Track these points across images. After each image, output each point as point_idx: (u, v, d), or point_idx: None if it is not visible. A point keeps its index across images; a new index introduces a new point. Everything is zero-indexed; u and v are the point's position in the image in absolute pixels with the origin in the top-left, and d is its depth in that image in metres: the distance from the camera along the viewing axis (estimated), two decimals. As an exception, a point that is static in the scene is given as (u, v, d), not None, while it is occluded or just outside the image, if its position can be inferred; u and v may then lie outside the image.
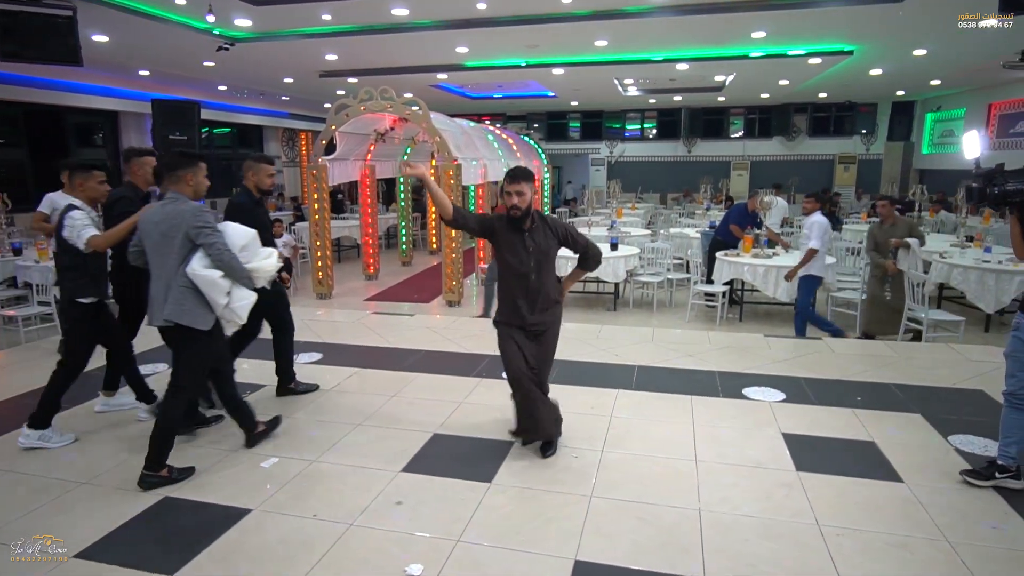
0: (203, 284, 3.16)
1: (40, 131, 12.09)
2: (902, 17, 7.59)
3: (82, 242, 3.53)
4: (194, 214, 3.17)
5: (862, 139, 18.67)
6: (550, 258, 3.43)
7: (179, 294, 3.17)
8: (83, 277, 3.65)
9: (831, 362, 5.12)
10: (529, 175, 3.34)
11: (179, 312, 3.16)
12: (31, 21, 5.84)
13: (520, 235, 3.34)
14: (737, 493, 3.10)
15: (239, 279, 3.25)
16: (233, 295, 3.25)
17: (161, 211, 3.22)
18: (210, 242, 3.16)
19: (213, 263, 3.17)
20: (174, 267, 3.17)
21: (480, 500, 3.04)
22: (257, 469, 3.38)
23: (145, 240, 3.25)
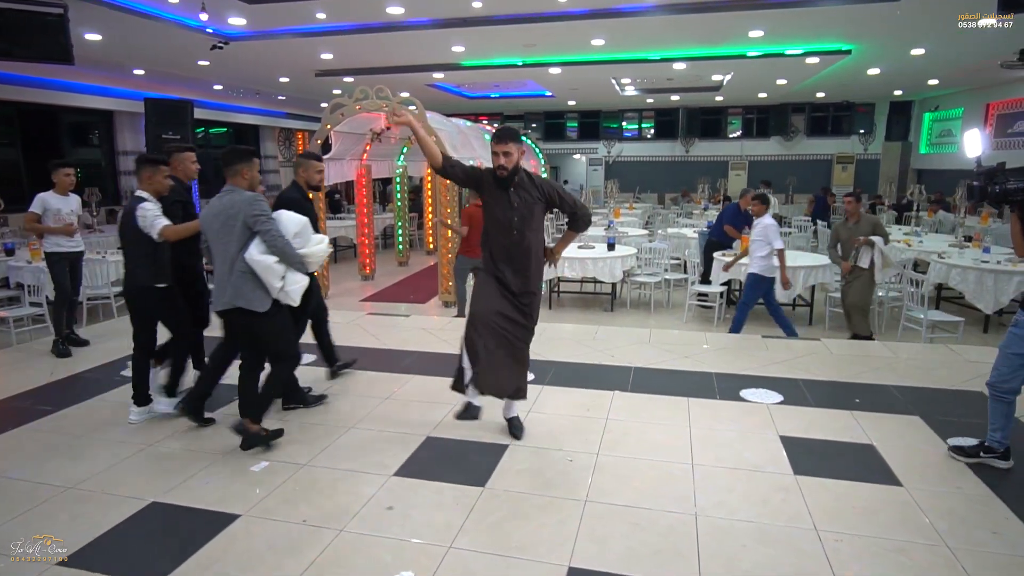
0: (259, 269, 3.39)
1: (34, 130, 12.02)
2: (900, 16, 7.55)
3: (155, 232, 3.79)
4: (250, 203, 3.40)
5: (860, 139, 18.65)
6: (535, 216, 3.44)
7: (239, 279, 3.41)
8: (155, 264, 3.90)
9: (829, 364, 5.08)
10: (515, 135, 3.37)
11: (238, 296, 3.41)
12: (21, 19, 5.78)
13: (505, 192, 3.38)
14: (734, 497, 3.05)
15: (292, 264, 3.47)
16: (287, 279, 3.47)
17: (219, 202, 3.47)
18: (265, 229, 3.39)
19: (268, 249, 3.40)
20: (234, 254, 3.40)
21: (473, 505, 2.99)
22: (247, 473, 3.33)
23: (207, 232, 3.52)
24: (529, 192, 3.42)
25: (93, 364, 5.16)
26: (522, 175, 3.42)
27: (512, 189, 3.38)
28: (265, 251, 3.39)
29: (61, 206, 5.64)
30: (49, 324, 6.54)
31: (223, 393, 4.18)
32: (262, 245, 3.39)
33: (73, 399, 4.35)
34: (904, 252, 8.27)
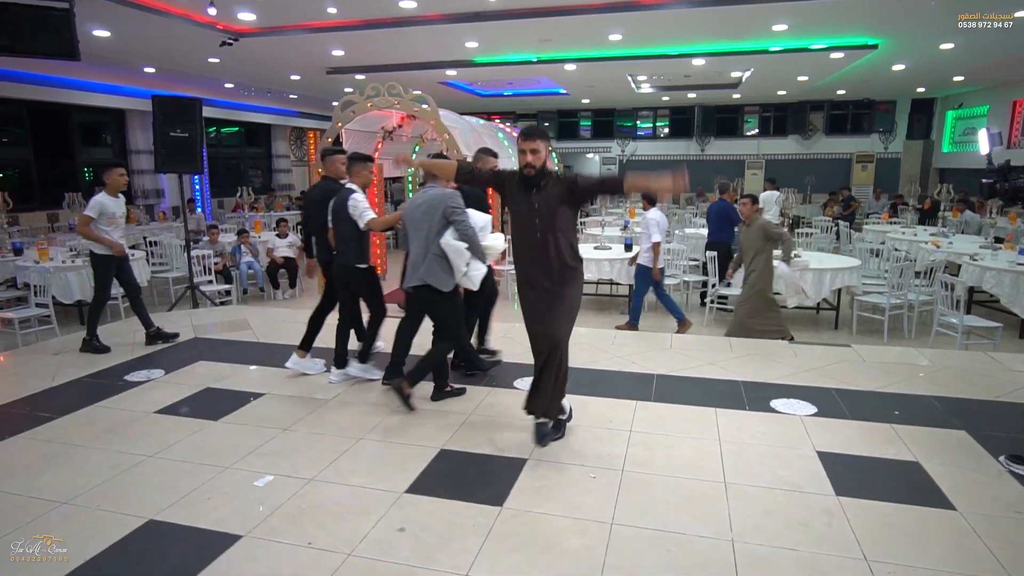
0: (452, 253, 3.94)
1: (45, 129, 11.97)
2: (934, 7, 7.25)
3: (363, 221, 4.42)
4: (451, 197, 3.99)
5: (880, 137, 18.25)
6: (559, 217, 3.29)
7: (432, 260, 3.99)
8: (360, 248, 4.55)
9: (862, 371, 4.83)
10: (544, 132, 3.31)
11: (430, 274, 3.98)
12: (26, 14, 5.65)
13: (527, 193, 3.29)
14: (773, 521, 2.82)
15: (477, 253, 4.01)
16: (471, 265, 4.00)
17: (423, 195, 4.09)
18: (460, 219, 3.95)
19: (460, 237, 3.94)
20: (431, 239, 3.97)
21: (490, 527, 2.78)
22: (250, 488, 3.14)
23: (408, 220, 4.12)
24: (551, 193, 3.29)
25: (96, 368, 5.01)
26: (549, 176, 3.30)
27: (535, 190, 3.27)
28: (458, 239, 3.94)
29: (115, 209, 5.51)
30: (55, 326, 6.43)
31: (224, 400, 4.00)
32: (455, 234, 3.94)
33: (73, 406, 4.18)
34: (933, 254, 7.97)
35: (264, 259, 8.80)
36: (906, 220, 11.59)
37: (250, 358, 5.27)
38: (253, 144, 17.73)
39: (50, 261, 7.22)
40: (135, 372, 4.88)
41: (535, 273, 3.36)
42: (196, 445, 3.62)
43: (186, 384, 4.63)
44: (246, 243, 8.66)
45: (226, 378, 4.76)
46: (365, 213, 4.39)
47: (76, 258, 7.32)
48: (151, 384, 4.65)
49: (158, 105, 7.03)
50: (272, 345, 5.69)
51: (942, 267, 6.68)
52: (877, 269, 8.14)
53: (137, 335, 5.96)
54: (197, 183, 14.32)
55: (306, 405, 4.22)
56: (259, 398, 4.35)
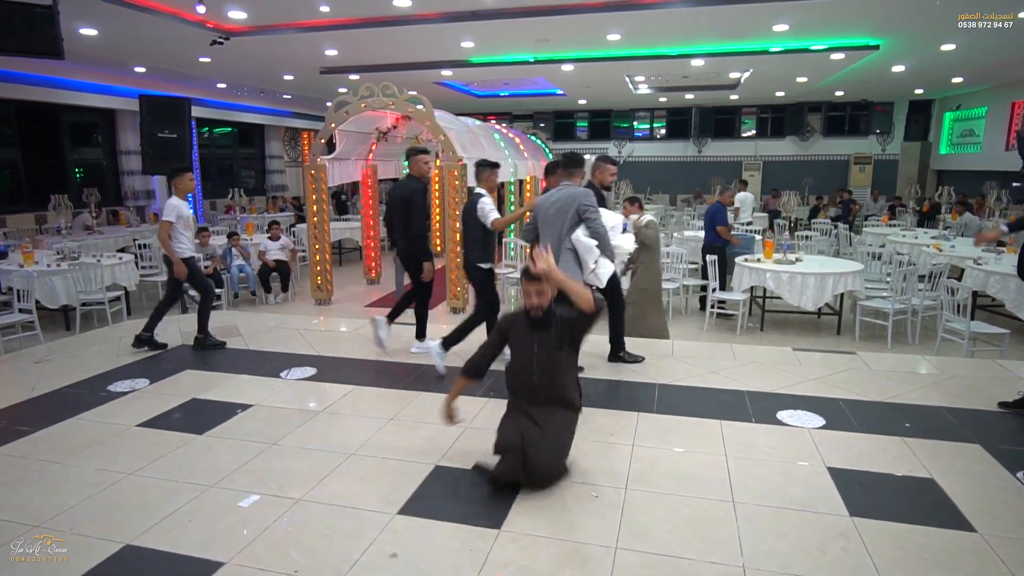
0: (582, 249, 4.15)
1: (34, 130, 11.76)
2: (939, 6, 7.14)
3: (488, 221, 4.80)
4: (585, 196, 4.21)
5: (878, 139, 18.18)
6: (558, 360, 3.08)
7: (563, 255, 4.16)
8: (484, 248, 4.94)
9: (869, 380, 4.69)
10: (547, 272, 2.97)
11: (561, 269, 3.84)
12: (7, 11, 5.48)
13: (531, 333, 3.08)
14: (785, 545, 2.68)
15: (607, 251, 4.17)
16: (599, 263, 4.17)
17: (557, 193, 4.32)
18: (593, 218, 4.14)
19: (590, 235, 4.11)
20: (562, 234, 4.20)
21: (488, 552, 2.63)
22: (235, 509, 2.98)
23: (540, 215, 4.35)
24: (555, 334, 3.07)
25: (79, 378, 4.83)
26: (555, 313, 3.08)
27: (539, 332, 3.07)
28: (589, 236, 4.10)
29: (188, 212, 5.56)
30: (39, 333, 6.24)
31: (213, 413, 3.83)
32: (586, 231, 4.10)
33: (51, 418, 4.01)
34: (936, 258, 7.86)
35: (256, 262, 8.63)
36: (905, 222, 11.49)
37: (239, 367, 5.11)
38: (246, 145, 17.53)
39: (35, 265, 7.04)
40: (119, 382, 4.71)
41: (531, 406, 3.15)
42: (179, 462, 3.46)
43: (171, 395, 4.46)
44: (237, 246, 8.49)
45: (213, 388, 4.60)
46: (490, 214, 4.82)
47: (62, 262, 7.15)
48: (135, 395, 4.48)
49: (146, 105, 6.88)
50: (262, 352, 5.53)
51: (946, 272, 6.56)
52: (879, 273, 8.02)
53: (123, 341, 5.80)
54: (189, 184, 14.11)
55: (295, 418, 4.06)
56: (247, 410, 4.18)
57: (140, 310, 7.95)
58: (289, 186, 18.16)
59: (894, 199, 15.14)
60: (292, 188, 18.15)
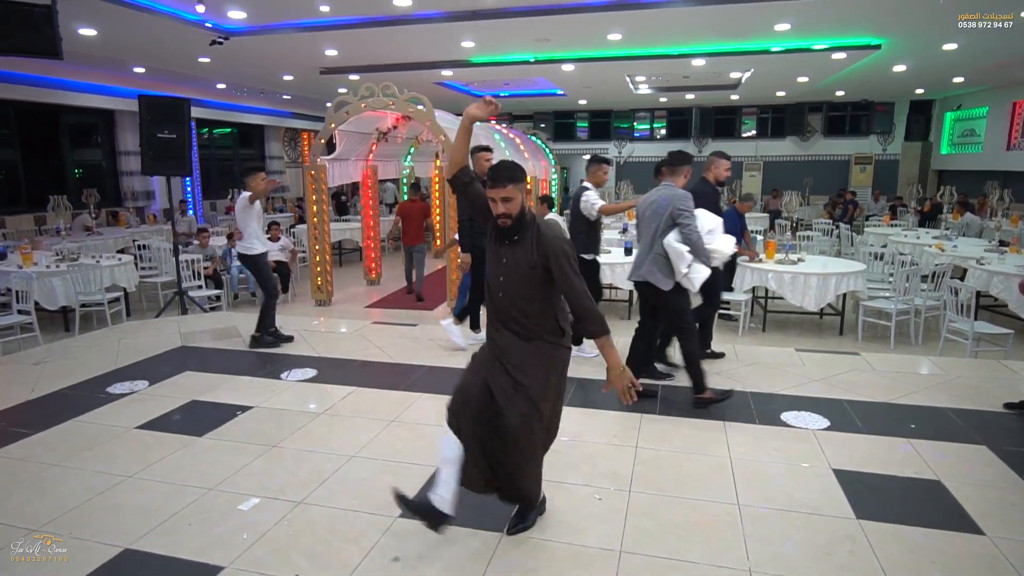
0: (672, 253, 4.03)
1: (33, 131, 11.72)
2: (941, 5, 7.10)
3: (594, 211, 4.92)
4: (680, 199, 4.07)
5: (879, 139, 18.14)
6: (525, 279, 2.52)
7: (653, 259, 4.12)
8: (588, 239, 5.03)
9: (873, 381, 4.66)
10: (516, 174, 2.50)
11: (649, 273, 4.13)
12: (5, 11, 5.43)
13: (500, 244, 2.57)
14: (791, 549, 2.64)
15: (700, 256, 4.04)
16: (692, 267, 4.05)
17: (656, 194, 4.21)
18: (685, 223, 4.01)
19: (683, 239, 4.00)
20: (656, 237, 4.10)
21: (491, 556, 2.60)
22: (235, 512, 2.95)
23: (639, 216, 4.30)
24: (525, 249, 2.51)
25: (77, 379, 4.80)
26: (531, 226, 2.53)
27: (506, 243, 2.55)
28: (680, 240, 4.00)
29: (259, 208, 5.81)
30: (38, 333, 6.20)
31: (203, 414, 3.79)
32: (679, 235, 4.00)
33: (50, 421, 3.98)
34: (938, 258, 7.82)
35: (256, 263, 8.59)
36: (906, 222, 11.45)
37: (239, 368, 5.08)
38: (246, 145, 17.49)
39: (34, 266, 7.00)
40: (118, 384, 4.68)
41: (493, 328, 2.65)
42: (178, 464, 3.43)
43: (171, 397, 4.43)
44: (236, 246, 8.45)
45: (213, 390, 4.56)
46: (596, 203, 4.95)
47: (61, 263, 7.11)
48: (134, 397, 4.44)
49: (145, 105, 6.82)
50: (262, 354, 5.50)
51: (949, 272, 6.53)
52: (881, 273, 7.98)
53: (123, 343, 5.77)
54: (189, 185, 14.07)
55: (296, 420, 4.03)
56: (246, 412, 4.15)
57: (140, 311, 7.92)
58: (289, 187, 18.12)
59: (895, 199, 15.11)
60: (292, 189, 18.12)
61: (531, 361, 2.55)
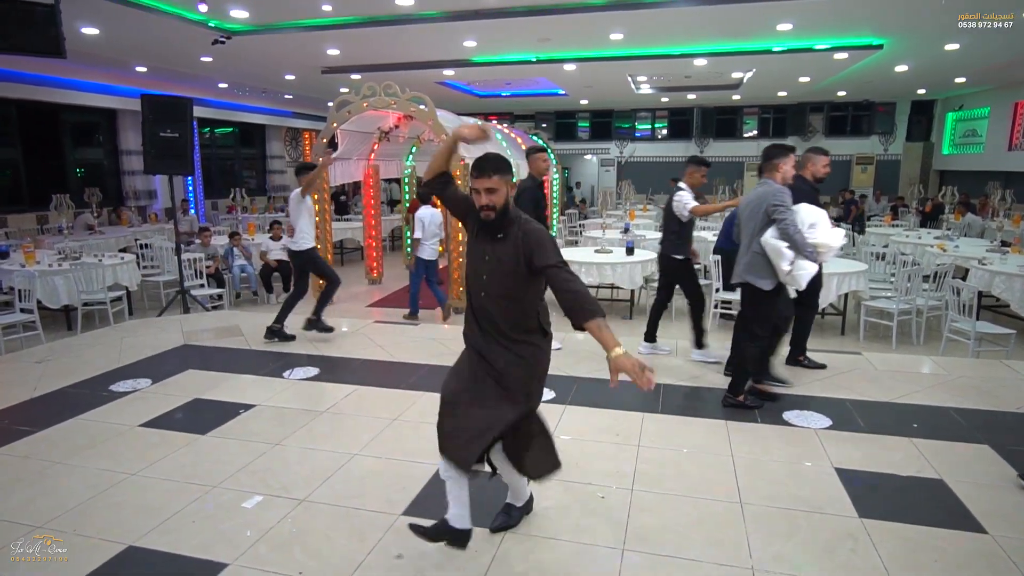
0: (771, 252, 3.89)
1: (35, 130, 11.73)
2: (943, 5, 7.10)
3: (686, 211, 4.89)
4: (775, 194, 3.89)
5: (880, 139, 18.14)
6: (510, 277, 2.43)
7: (751, 258, 4.00)
8: (679, 240, 5.03)
9: (875, 380, 4.66)
10: (501, 166, 2.45)
11: (749, 272, 4.02)
12: (9, 9, 5.44)
13: (483, 241, 2.50)
14: (793, 547, 2.65)
15: (802, 252, 3.84)
16: (796, 264, 3.87)
17: (754, 192, 4.09)
18: (781, 218, 3.83)
19: (780, 236, 3.84)
20: (753, 236, 3.97)
21: (494, 553, 2.61)
22: (238, 510, 2.96)
23: (739, 215, 4.21)
24: (509, 245, 2.43)
25: (80, 378, 4.81)
26: (517, 222, 2.45)
27: (490, 239, 2.47)
28: (779, 237, 3.84)
29: (311, 203, 6.19)
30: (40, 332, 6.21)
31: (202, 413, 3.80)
32: (776, 231, 3.85)
33: (53, 418, 3.99)
34: (940, 258, 7.82)
35: (257, 262, 8.60)
36: (908, 223, 11.45)
37: (241, 367, 5.09)
38: (248, 145, 17.50)
39: (36, 265, 7.01)
40: (121, 382, 4.69)
41: (476, 332, 2.56)
42: (182, 462, 3.43)
43: (174, 395, 4.44)
44: (238, 245, 8.46)
45: (215, 388, 4.57)
46: (688, 204, 4.89)
47: (64, 261, 7.12)
48: (137, 395, 4.45)
49: (148, 104, 6.83)
50: (264, 352, 5.51)
51: (951, 272, 6.53)
52: (883, 273, 7.98)
53: (125, 341, 5.78)
54: (191, 184, 14.08)
55: (298, 418, 4.04)
56: (249, 410, 4.16)
57: (142, 310, 7.93)
58: (290, 186, 18.12)
59: (897, 199, 15.10)
60: (293, 188, 18.14)
61: (516, 373, 2.47)
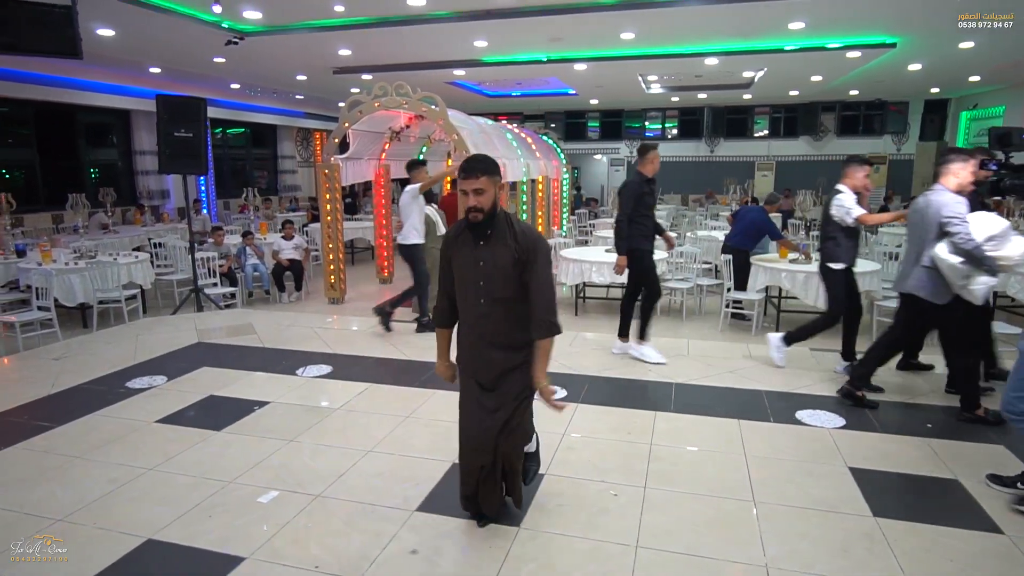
0: (943, 266, 3.66)
1: (51, 130, 11.87)
2: (959, 4, 7.05)
3: (851, 218, 4.46)
4: (948, 205, 3.61)
5: (893, 139, 18.01)
6: (509, 279, 2.47)
7: (921, 271, 3.77)
8: (838, 247, 4.61)
9: (890, 380, 4.63)
10: (489, 166, 2.48)
11: (919, 286, 3.77)
12: (27, 11, 5.52)
13: (474, 248, 2.51)
14: (807, 545, 2.65)
15: (982, 265, 3.58)
16: (973, 279, 3.62)
17: (923, 199, 3.81)
18: (954, 231, 3.57)
19: (954, 251, 3.60)
20: (923, 247, 3.73)
21: (508, 549, 2.62)
22: (254, 505, 2.99)
23: (908, 221, 3.97)
24: (504, 247, 2.47)
25: (97, 374, 4.87)
26: (503, 222, 2.50)
27: (483, 242, 2.49)
28: (953, 251, 3.60)
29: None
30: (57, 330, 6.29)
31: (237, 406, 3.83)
32: (951, 245, 3.60)
33: (72, 414, 4.05)
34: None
35: (270, 261, 8.67)
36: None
37: (255, 364, 5.13)
38: (259, 145, 17.61)
39: (53, 263, 7.10)
40: (137, 379, 4.75)
41: (478, 354, 2.59)
42: (198, 457, 3.47)
43: (189, 391, 4.48)
44: (251, 245, 8.53)
45: (230, 385, 4.62)
46: (852, 210, 4.48)
47: (79, 260, 7.21)
48: (153, 391, 4.51)
49: (162, 105, 6.90)
50: (278, 350, 5.55)
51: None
52: (896, 273, 7.91)
53: (140, 339, 5.85)
54: (203, 184, 14.20)
55: (312, 415, 4.07)
56: (264, 407, 4.20)
57: (156, 308, 8.01)
58: (301, 186, 18.23)
59: (910, 200, 14.99)
60: (305, 188, 18.23)
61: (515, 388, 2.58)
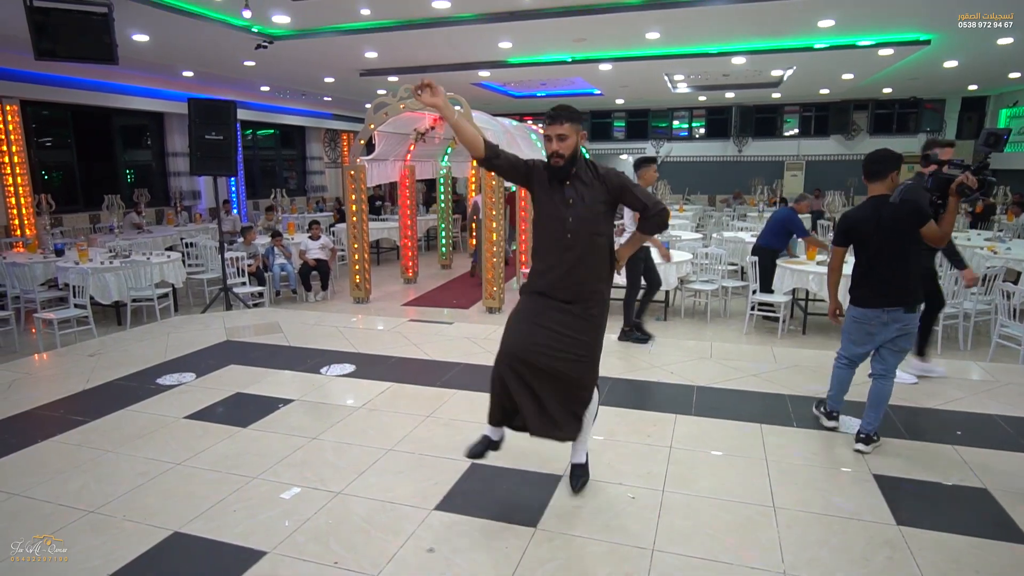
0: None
1: (88, 133, 12.24)
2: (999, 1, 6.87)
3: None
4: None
5: (928, 138, 17.54)
6: (597, 218, 2.75)
7: None
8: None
9: (918, 386, 4.54)
10: (573, 114, 2.72)
11: None
12: (66, 18, 5.72)
13: (560, 187, 2.73)
14: (828, 553, 2.61)
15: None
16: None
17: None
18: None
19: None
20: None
21: (524, 549, 2.64)
22: (277, 500, 3.06)
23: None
24: (590, 187, 2.74)
25: (129, 371, 5.02)
26: (583, 165, 2.76)
27: (568, 183, 2.73)
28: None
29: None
30: (92, 327, 6.49)
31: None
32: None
33: (105, 409, 4.18)
34: (990, 260, 7.54)
35: (297, 261, 8.81)
36: (958, 224, 11.06)
37: (281, 362, 5.23)
38: (288, 146, 17.91)
39: (89, 262, 7.32)
40: (167, 376, 4.88)
41: (557, 284, 2.77)
42: (224, 453, 3.56)
43: (217, 389, 4.59)
44: (279, 245, 8.68)
45: (256, 383, 4.72)
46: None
47: (114, 259, 7.42)
48: (182, 388, 4.63)
49: (194, 108, 7.07)
50: (303, 349, 5.65)
51: (1001, 275, 6.30)
52: (928, 276, 7.72)
53: (171, 336, 6.00)
54: (233, 185, 14.50)
55: (335, 413, 4.14)
56: (288, 404, 4.28)
57: (186, 307, 8.21)
58: (328, 187, 18.49)
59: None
60: (331, 189, 18.48)
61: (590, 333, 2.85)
